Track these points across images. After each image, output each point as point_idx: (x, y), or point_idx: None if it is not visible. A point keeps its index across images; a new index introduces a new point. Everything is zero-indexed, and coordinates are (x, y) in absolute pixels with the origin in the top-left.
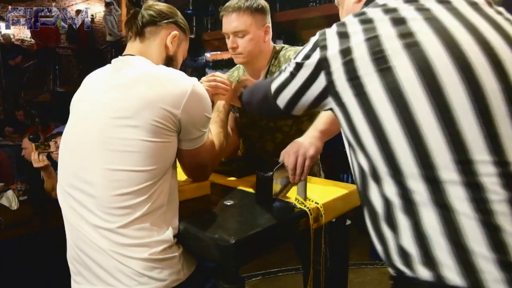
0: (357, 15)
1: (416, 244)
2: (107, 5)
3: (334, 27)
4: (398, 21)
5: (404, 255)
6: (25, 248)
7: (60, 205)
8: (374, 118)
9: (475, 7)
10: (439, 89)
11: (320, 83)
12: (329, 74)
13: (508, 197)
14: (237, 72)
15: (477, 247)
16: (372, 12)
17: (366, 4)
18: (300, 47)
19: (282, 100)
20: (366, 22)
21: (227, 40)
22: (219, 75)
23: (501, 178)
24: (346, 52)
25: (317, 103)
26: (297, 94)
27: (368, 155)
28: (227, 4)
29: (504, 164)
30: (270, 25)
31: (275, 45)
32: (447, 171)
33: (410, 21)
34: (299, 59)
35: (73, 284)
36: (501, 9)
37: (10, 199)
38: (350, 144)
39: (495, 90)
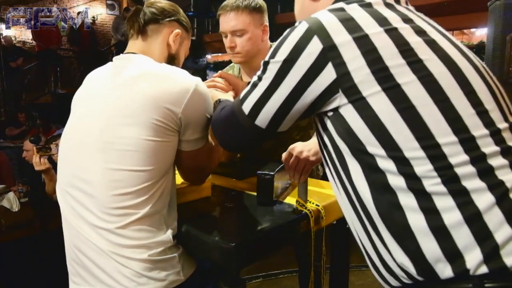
0: (354, 1)
1: None
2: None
3: (327, 13)
4: (404, 17)
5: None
6: (26, 249)
7: (59, 205)
8: (415, 114)
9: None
10: (469, 83)
11: (326, 77)
12: (341, 65)
13: None
14: (232, 71)
15: None
16: (372, 1)
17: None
18: None
19: (264, 118)
20: (374, 12)
21: (224, 40)
22: (220, 81)
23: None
24: (363, 40)
25: (318, 105)
26: (288, 101)
27: (400, 149)
28: (225, 3)
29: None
30: (267, 24)
31: (272, 43)
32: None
33: (415, 20)
34: (283, 55)
35: (71, 285)
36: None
37: (11, 201)
38: (362, 151)
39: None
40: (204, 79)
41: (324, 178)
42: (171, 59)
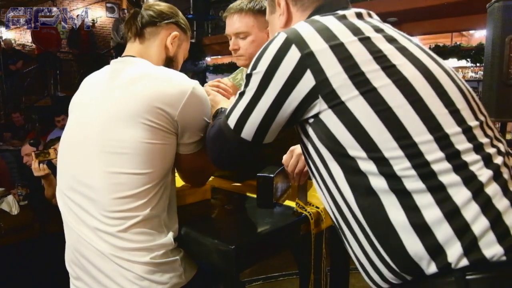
0: (329, 14)
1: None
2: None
3: (304, 24)
4: (376, 28)
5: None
6: (25, 253)
7: (60, 209)
8: (392, 115)
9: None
10: (440, 85)
11: (306, 83)
12: (319, 72)
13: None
14: (241, 75)
15: None
16: (346, 13)
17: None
18: None
19: (249, 130)
20: (347, 23)
21: (230, 42)
22: (225, 82)
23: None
24: (339, 48)
25: (300, 112)
26: (271, 111)
27: (380, 150)
28: (230, 5)
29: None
30: None
31: None
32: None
33: (385, 30)
34: (263, 66)
35: None
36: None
37: (11, 204)
38: (343, 155)
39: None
40: (203, 81)
41: None
42: (169, 62)
